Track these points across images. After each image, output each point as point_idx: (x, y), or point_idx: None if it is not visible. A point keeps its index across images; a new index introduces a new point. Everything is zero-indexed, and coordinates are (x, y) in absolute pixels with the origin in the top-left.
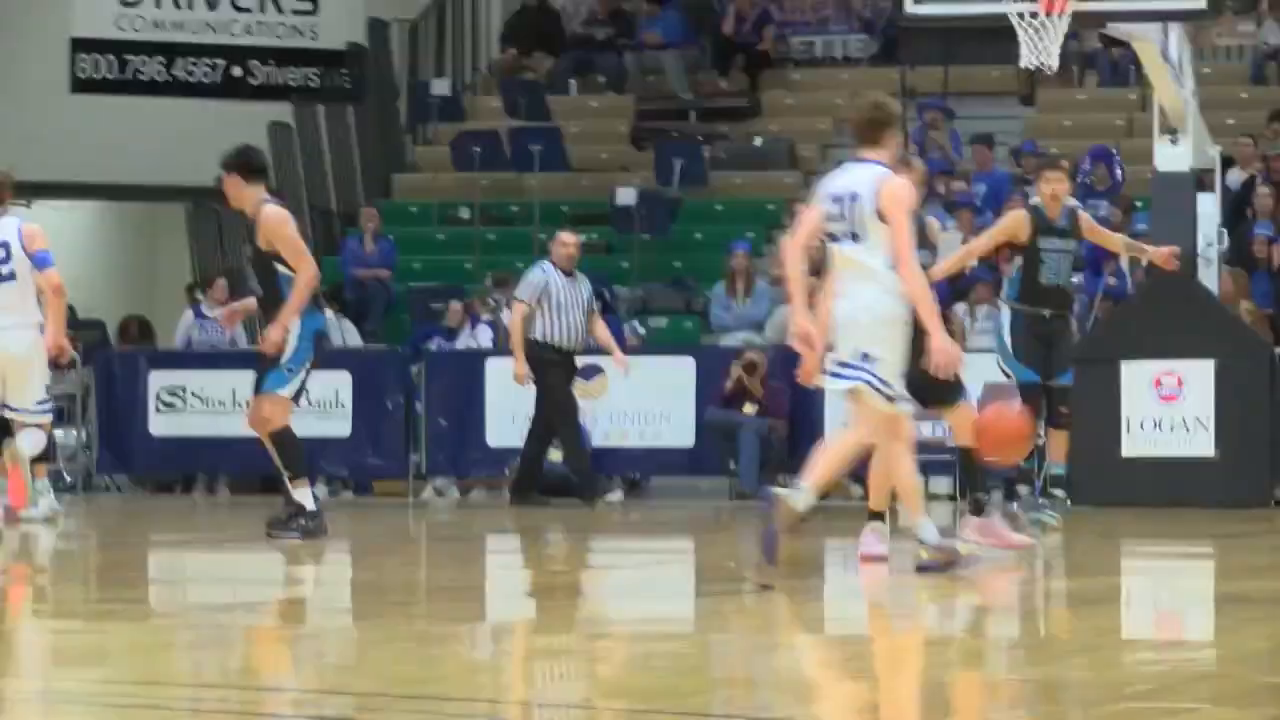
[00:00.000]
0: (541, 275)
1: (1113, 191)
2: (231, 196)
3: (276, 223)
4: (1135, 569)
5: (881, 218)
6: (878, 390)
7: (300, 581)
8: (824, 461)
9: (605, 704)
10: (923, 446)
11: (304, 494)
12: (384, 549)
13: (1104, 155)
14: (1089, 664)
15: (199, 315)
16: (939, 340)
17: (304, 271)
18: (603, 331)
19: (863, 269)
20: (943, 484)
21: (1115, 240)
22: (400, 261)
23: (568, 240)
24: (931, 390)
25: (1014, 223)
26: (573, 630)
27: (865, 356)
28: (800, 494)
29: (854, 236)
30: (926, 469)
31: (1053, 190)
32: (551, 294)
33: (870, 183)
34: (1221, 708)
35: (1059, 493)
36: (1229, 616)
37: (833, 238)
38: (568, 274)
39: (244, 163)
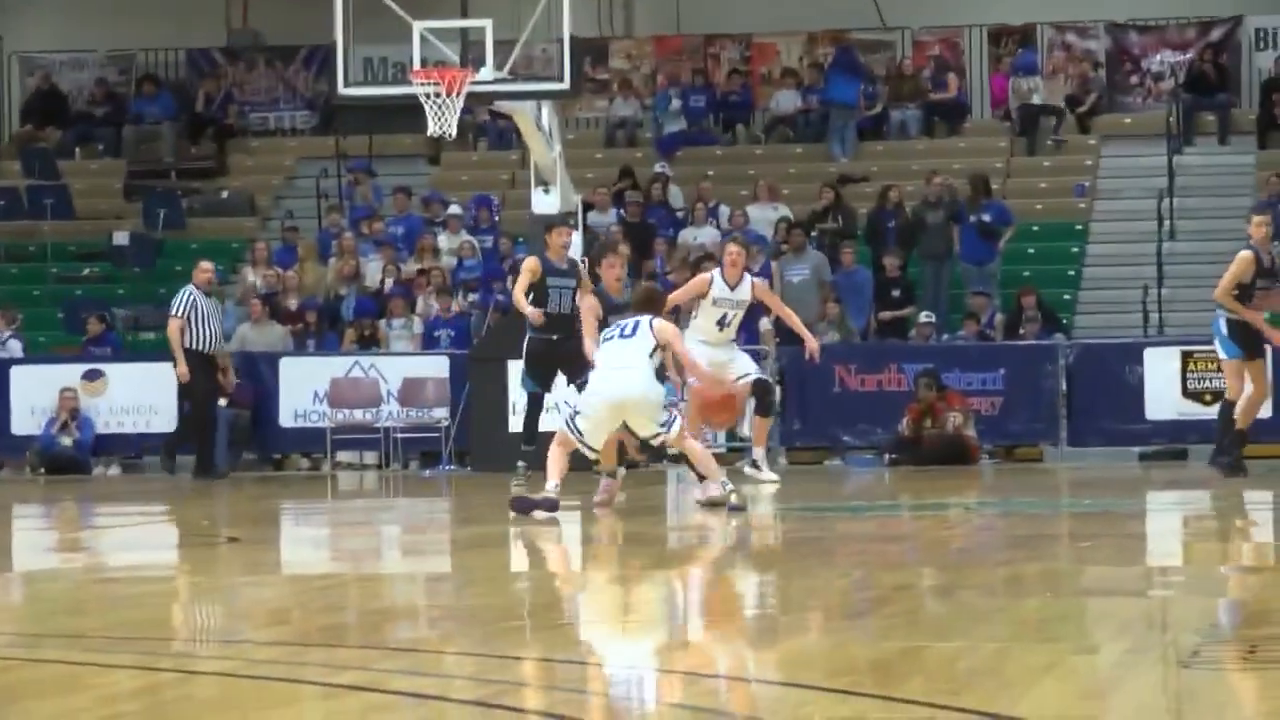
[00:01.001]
0: (189, 295)
1: (494, 231)
2: None
3: None
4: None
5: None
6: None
7: None
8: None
9: (101, 633)
10: (359, 428)
11: None
12: None
13: (486, 202)
14: (486, 593)
15: None
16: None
17: None
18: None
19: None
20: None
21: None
22: None
23: (206, 267)
24: None
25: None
26: (79, 576)
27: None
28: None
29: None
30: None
31: (564, 241)
32: (198, 308)
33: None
34: (596, 625)
35: None
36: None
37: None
38: (207, 294)
39: None
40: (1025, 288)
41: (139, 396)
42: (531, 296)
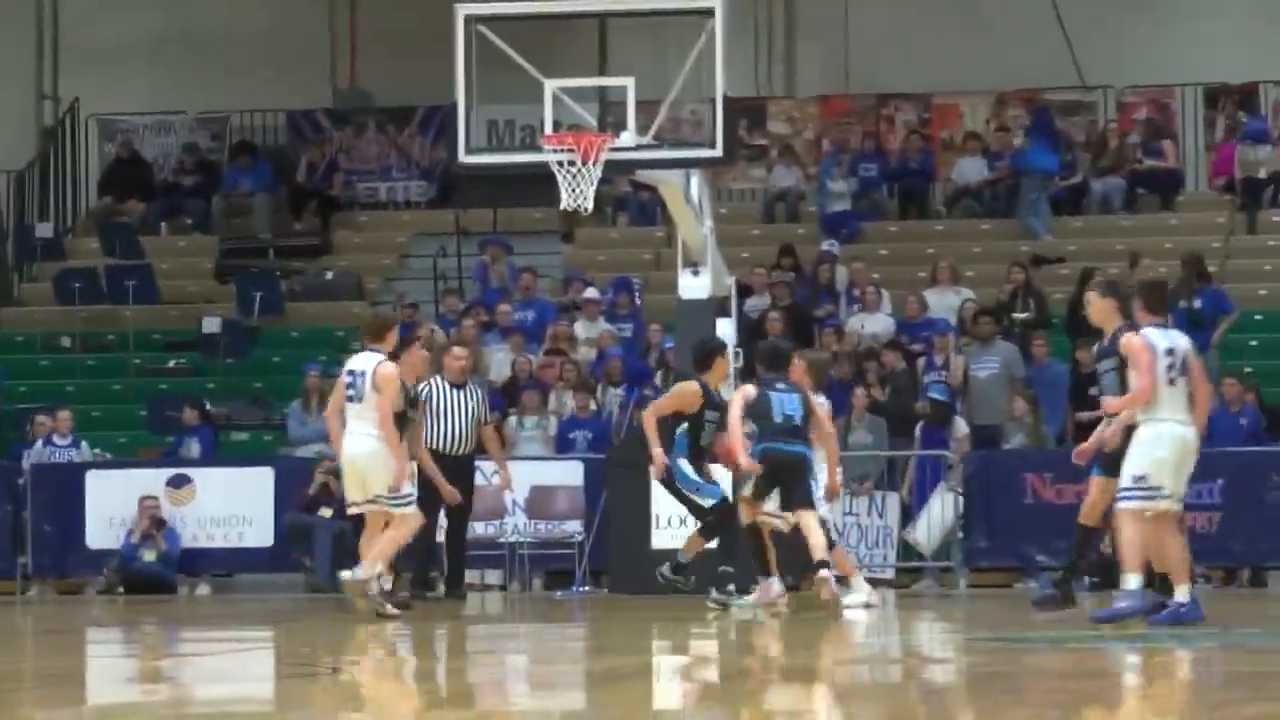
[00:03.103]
0: (426, 389)
1: (635, 319)
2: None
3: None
4: (664, 648)
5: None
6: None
7: None
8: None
9: None
10: (481, 543)
11: None
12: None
13: (625, 285)
14: None
15: None
16: None
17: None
18: (491, 440)
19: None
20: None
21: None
22: (7, 386)
23: (459, 354)
24: None
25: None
26: (162, 711)
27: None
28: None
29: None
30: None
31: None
32: (434, 401)
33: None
34: None
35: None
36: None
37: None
38: (457, 386)
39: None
40: (1247, 386)
41: (231, 506)
42: (685, 427)
